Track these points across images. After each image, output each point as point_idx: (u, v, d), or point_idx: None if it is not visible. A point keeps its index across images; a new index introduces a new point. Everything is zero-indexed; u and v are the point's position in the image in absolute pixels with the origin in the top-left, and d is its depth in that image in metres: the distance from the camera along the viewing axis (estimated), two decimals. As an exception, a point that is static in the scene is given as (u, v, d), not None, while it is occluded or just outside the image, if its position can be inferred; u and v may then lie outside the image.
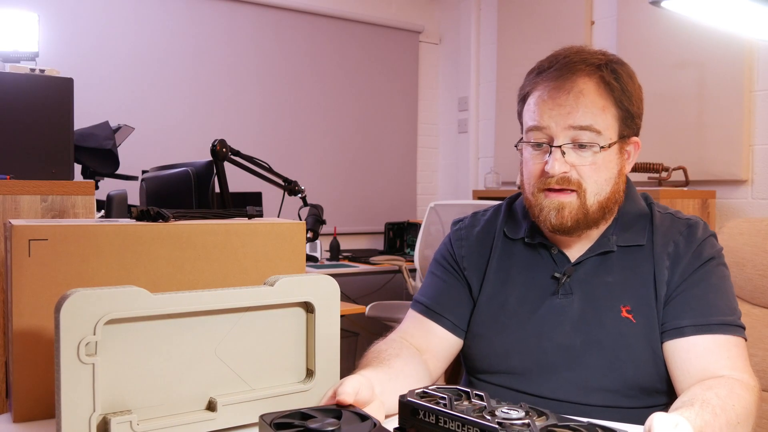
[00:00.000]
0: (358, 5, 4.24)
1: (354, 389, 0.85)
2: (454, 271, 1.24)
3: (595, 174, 1.08)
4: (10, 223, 0.98)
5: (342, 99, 4.19)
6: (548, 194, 1.10)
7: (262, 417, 0.80)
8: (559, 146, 1.07)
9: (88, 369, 0.81)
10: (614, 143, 1.10)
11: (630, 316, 1.08)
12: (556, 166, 1.07)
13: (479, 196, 3.65)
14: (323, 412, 0.81)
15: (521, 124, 1.17)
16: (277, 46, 3.94)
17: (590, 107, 1.07)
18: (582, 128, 1.07)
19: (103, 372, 0.84)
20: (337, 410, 0.82)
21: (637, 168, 2.87)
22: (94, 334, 0.81)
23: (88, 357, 0.81)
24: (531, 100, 1.12)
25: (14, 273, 0.95)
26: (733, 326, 1.06)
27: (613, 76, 1.09)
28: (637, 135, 1.15)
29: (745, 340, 1.07)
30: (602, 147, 1.08)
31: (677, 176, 2.91)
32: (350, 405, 0.84)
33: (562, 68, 1.10)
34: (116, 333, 0.85)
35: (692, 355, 1.04)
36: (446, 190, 4.59)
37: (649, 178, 2.91)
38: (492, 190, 3.69)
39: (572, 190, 1.09)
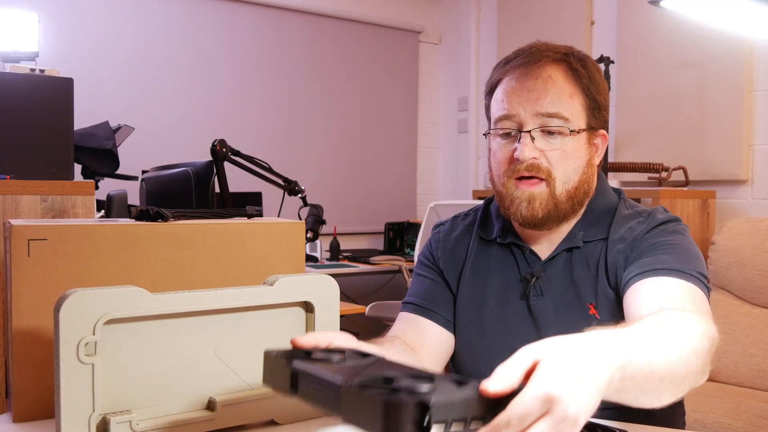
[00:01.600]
0: (358, 5, 4.24)
1: (319, 337, 0.80)
2: (435, 271, 1.24)
3: (564, 162, 1.08)
4: (9, 223, 0.98)
5: (342, 99, 4.19)
6: (519, 185, 1.09)
7: (266, 351, 0.73)
8: (528, 131, 1.07)
9: (88, 369, 0.81)
10: (583, 131, 1.09)
11: (596, 313, 1.08)
12: (526, 151, 1.06)
13: (479, 196, 3.65)
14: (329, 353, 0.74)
15: (489, 118, 1.16)
16: (277, 46, 3.94)
17: (558, 94, 1.07)
18: (550, 115, 1.06)
19: (103, 372, 0.84)
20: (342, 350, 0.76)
21: (637, 168, 2.87)
22: (94, 334, 0.81)
23: (88, 357, 0.81)
24: (498, 90, 1.12)
25: (14, 273, 0.95)
26: (683, 272, 1.00)
27: (580, 63, 1.10)
28: (604, 129, 1.15)
29: (707, 293, 1.00)
30: (572, 131, 1.07)
31: (677, 176, 2.91)
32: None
33: (529, 56, 1.10)
34: (116, 333, 0.85)
35: (630, 300, 1.00)
36: (446, 190, 4.59)
37: (649, 178, 2.91)
38: (492, 190, 3.68)
39: (541, 179, 1.08)
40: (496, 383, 0.59)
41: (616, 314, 1.06)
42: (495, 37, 4.09)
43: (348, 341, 0.83)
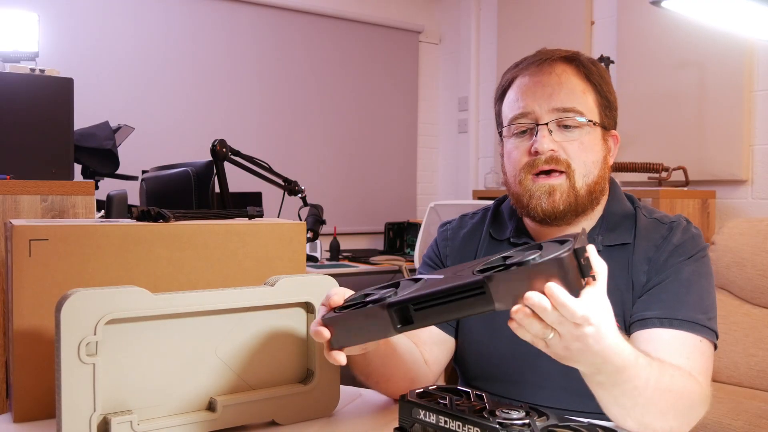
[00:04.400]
0: (358, 5, 4.24)
1: (342, 292, 0.87)
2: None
3: (583, 154, 1.07)
4: (10, 223, 0.98)
5: (342, 99, 4.19)
6: (536, 179, 1.08)
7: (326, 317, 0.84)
8: (546, 124, 1.06)
9: (89, 369, 0.81)
10: (598, 125, 1.10)
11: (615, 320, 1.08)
12: (544, 143, 1.05)
13: (479, 196, 3.65)
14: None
15: (500, 124, 1.16)
16: (277, 46, 3.94)
17: (572, 89, 1.08)
18: (566, 110, 1.07)
19: (104, 372, 0.84)
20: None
21: (637, 168, 2.87)
22: (95, 334, 0.81)
23: (89, 357, 0.81)
24: (511, 91, 1.13)
25: (15, 273, 0.95)
26: (701, 326, 1.02)
27: (589, 62, 1.12)
28: (616, 130, 1.15)
29: (715, 347, 1.04)
30: (590, 121, 1.07)
31: (677, 176, 2.91)
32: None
33: (539, 56, 1.12)
34: (117, 333, 0.85)
35: (651, 347, 1.00)
36: (446, 190, 4.59)
37: (649, 178, 2.91)
38: (492, 190, 3.69)
39: (561, 171, 1.07)
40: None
41: (626, 323, 1.07)
42: (495, 37, 4.09)
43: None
